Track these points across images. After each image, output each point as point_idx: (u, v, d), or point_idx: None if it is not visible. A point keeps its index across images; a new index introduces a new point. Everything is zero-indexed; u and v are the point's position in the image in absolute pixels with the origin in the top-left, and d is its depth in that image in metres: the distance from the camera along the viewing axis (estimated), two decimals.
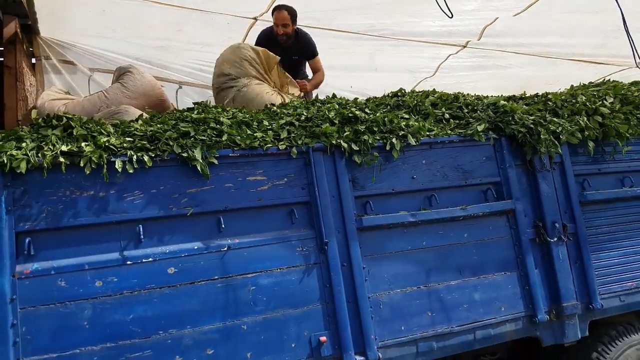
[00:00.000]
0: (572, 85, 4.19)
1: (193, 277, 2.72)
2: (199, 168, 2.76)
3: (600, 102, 3.90)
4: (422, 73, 7.07)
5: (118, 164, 2.67)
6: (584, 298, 3.52)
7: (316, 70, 5.05)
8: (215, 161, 2.82)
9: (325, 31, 5.47)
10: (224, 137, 2.89)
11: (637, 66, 3.90)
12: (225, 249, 2.80)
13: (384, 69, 6.61)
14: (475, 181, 3.44)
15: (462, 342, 3.20)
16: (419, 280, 3.18)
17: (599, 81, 4.48)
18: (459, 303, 3.22)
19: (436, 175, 3.37)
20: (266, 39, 4.82)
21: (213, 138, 2.87)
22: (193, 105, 3.46)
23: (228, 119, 3.10)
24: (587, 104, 3.85)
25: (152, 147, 2.75)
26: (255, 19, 5.54)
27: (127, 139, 2.76)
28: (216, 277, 2.76)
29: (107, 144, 2.68)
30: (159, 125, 2.90)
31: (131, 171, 2.69)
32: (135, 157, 2.69)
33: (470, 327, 3.21)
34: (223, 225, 2.80)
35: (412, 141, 3.31)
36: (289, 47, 4.85)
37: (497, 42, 6.21)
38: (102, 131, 2.77)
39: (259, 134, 2.99)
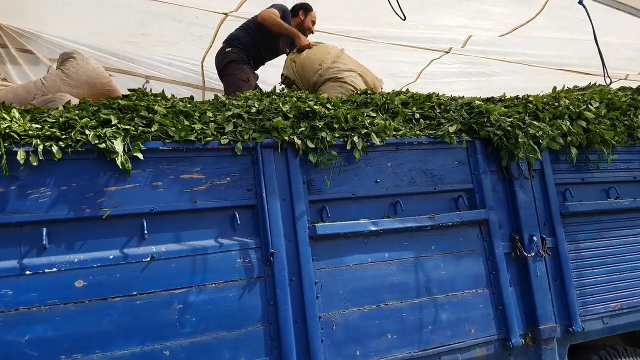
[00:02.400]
0: (554, 87, 3.70)
1: (106, 292, 2.17)
2: (118, 162, 2.21)
3: (585, 107, 3.41)
4: (405, 78, 6.57)
5: (20, 155, 2.12)
6: (564, 320, 3.01)
7: None
8: (141, 155, 2.28)
9: None
10: (154, 128, 2.34)
11: (610, 82, 3.43)
12: (148, 259, 2.24)
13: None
14: (445, 187, 2.92)
15: None
16: (379, 298, 2.65)
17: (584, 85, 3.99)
18: (423, 324, 2.69)
19: (402, 180, 2.85)
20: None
21: (140, 128, 2.32)
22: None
23: (165, 107, 2.55)
24: (571, 107, 3.35)
25: (64, 136, 2.19)
26: (226, 14, 5.01)
27: (35, 125, 2.20)
28: (135, 293, 2.21)
29: (7, 131, 2.12)
30: (77, 112, 2.34)
31: (35, 163, 2.13)
32: (41, 147, 2.14)
33: (435, 351, 2.69)
34: (146, 231, 2.25)
35: (377, 141, 2.79)
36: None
37: (482, 49, 5.74)
38: (5, 116, 2.21)
39: (197, 126, 2.44)
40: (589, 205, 3.22)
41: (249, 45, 4.22)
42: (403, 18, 2.86)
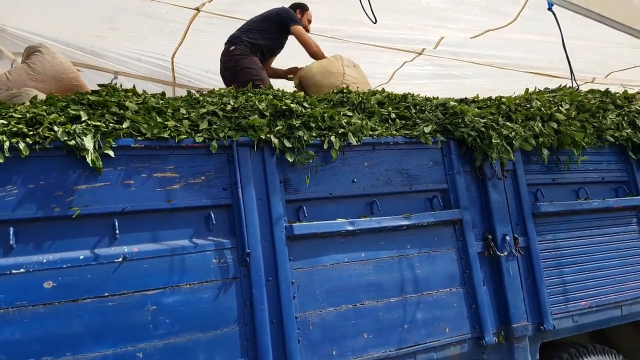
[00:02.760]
0: (527, 89, 3.80)
1: (76, 293, 2.13)
2: (88, 160, 2.17)
3: (556, 108, 3.52)
4: (378, 79, 6.62)
5: None
6: (535, 318, 3.10)
7: None
8: (112, 153, 2.24)
9: None
10: (126, 124, 2.31)
11: (577, 86, 3.55)
12: (120, 259, 2.22)
13: None
14: (420, 187, 2.97)
15: None
16: (356, 297, 2.69)
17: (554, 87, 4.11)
18: (399, 323, 2.74)
19: (379, 180, 2.89)
20: None
21: (111, 125, 2.28)
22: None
23: (137, 103, 2.52)
24: (542, 109, 3.45)
25: (31, 133, 2.14)
26: (198, 9, 4.96)
27: (0, 121, 2.15)
28: (107, 294, 2.18)
29: None
30: (44, 107, 2.29)
31: (1, 160, 2.08)
32: (8, 143, 2.09)
33: (410, 350, 2.73)
34: (118, 231, 2.22)
35: (353, 140, 2.82)
36: None
37: (453, 51, 5.84)
38: None
39: (170, 123, 2.42)
40: (559, 206, 3.32)
41: (252, 44, 4.22)
42: (374, 21, 2.88)
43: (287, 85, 4.02)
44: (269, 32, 4.23)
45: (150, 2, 4.84)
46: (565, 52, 3.40)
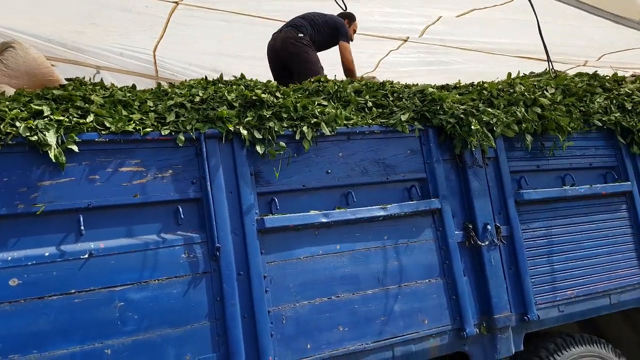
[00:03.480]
0: (509, 74, 3.82)
1: (42, 290, 2.19)
2: (51, 155, 2.22)
3: (540, 93, 3.54)
4: (363, 68, 6.63)
5: None
6: (519, 308, 3.14)
7: None
8: (76, 147, 2.29)
9: (253, 18, 4.96)
10: (90, 119, 2.36)
11: (555, 73, 3.55)
12: (86, 256, 2.27)
13: (323, 63, 6.14)
14: (398, 177, 3.01)
15: None
16: (331, 290, 2.73)
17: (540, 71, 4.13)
18: (376, 315, 2.78)
19: (354, 170, 2.93)
20: None
21: (74, 119, 2.33)
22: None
23: (103, 97, 2.57)
24: (526, 94, 3.47)
25: None
26: (177, 2, 4.99)
27: None
28: (73, 291, 2.23)
29: None
30: (7, 103, 2.34)
31: None
32: None
33: (387, 342, 2.78)
34: (84, 227, 2.28)
35: (326, 131, 2.86)
36: None
37: (440, 38, 5.84)
38: None
39: (135, 116, 2.47)
40: (544, 193, 3.34)
41: (312, 39, 4.62)
42: (344, 9, 2.91)
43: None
44: (327, 35, 4.68)
45: None
46: (541, 37, 3.42)
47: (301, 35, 4.49)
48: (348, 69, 4.56)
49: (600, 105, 3.70)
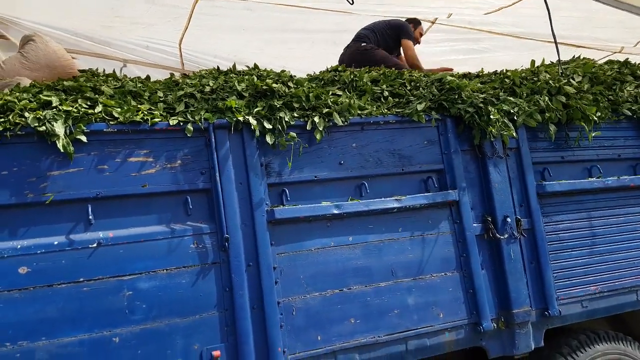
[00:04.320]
0: (532, 61, 3.64)
1: (51, 278, 2.18)
2: (59, 145, 2.21)
3: (566, 81, 3.35)
4: None
5: None
6: (540, 303, 3.00)
7: None
8: (84, 138, 2.27)
9: (275, 5, 4.87)
10: (98, 109, 2.34)
11: (568, 75, 3.36)
12: (95, 245, 2.26)
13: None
14: (414, 168, 2.90)
15: (390, 353, 2.67)
16: (342, 282, 2.66)
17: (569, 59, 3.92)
18: (389, 308, 2.70)
19: (368, 161, 2.83)
20: None
21: (83, 109, 2.31)
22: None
23: (114, 88, 2.54)
24: (551, 82, 3.30)
25: (2, 119, 2.19)
26: None
27: None
28: (82, 280, 2.22)
29: None
30: (17, 94, 2.34)
31: None
32: None
33: (401, 336, 2.69)
34: (92, 216, 2.26)
35: (339, 120, 2.77)
36: None
37: (469, 20, 5.62)
38: None
39: (144, 106, 2.43)
40: (567, 185, 3.18)
41: (379, 43, 4.78)
42: (351, 2, 2.82)
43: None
44: (390, 37, 4.82)
45: None
46: (552, 30, 3.24)
47: (364, 44, 4.68)
48: (412, 65, 4.63)
49: (630, 93, 3.49)
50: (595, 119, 3.27)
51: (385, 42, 4.80)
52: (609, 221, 3.25)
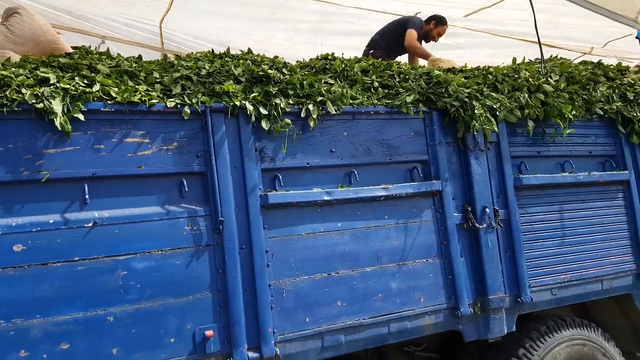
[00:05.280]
0: (514, 59, 3.76)
1: (46, 257, 2.16)
2: (57, 123, 2.17)
3: (545, 79, 3.48)
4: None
5: None
6: (513, 290, 3.14)
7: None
8: (81, 116, 2.24)
9: None
10: (96, 88, 2.31)
11: (547, 73, 3.50)
12: (91, 224, 2.24)
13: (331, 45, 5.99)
14: (401, 158, 2.98)
15: (374, 335, 2.76)
16: (330, 266, 2.72)
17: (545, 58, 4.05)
18: (373, 292, 2.78)
19: (358, 150, 2.89)
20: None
21: (80, 88, 2.28)
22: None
23: (109, 67, 2.51)
24: (530, 80, 3.42)
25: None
26: None
27: None
28: (77, 259, 2.21)
29: None
30: (13, 70, 2.28)
31: None
32: None
33: (384, 319, 2.78)
34: (88, 196, 2.24)
35: (332, 109, 2.81)
36: None
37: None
38: None
39: (142, 87, 2.41)
40: (543, 179, 3.32)
41: (386, 45, 5.06)
42: None
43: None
44: (400, 35, 4.97)
45: None
46: (537, 34, 3.36)
47: (372, 51, 4.84)
48: (409, 46, 4.84)
49: (602, 94, 3.65)
50: (571, 116, 3.42)
51: (395, 40, 4.94)
52: (579, 214, 3.42)
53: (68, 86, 2.24)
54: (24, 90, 2.17)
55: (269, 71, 2.75)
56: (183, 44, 5.65)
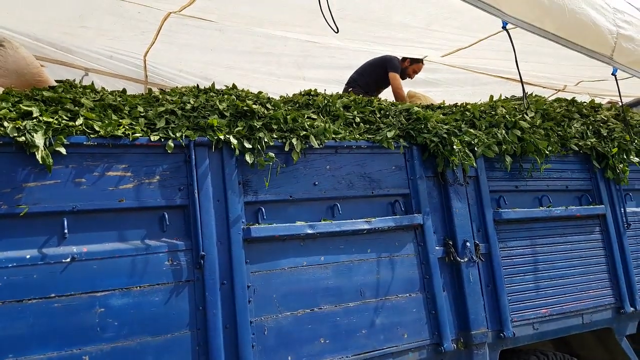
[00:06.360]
0: (491, 96, 3.84)
1: (22, 293, 2.08)
2: (38, 157, 2.13)
3: (521, 116, 3.56)
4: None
5: None
6: (495, 325, 3.13)
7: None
8: (64, 150, 2.21)
9: (247, 29, 4.89)
10: (79, 121, 2.28)
11: (527, 108, 3.59)
12: (69, 259, 2.18)
13: (313, 78, 6.06)
14: (382, 192, 2.98)
15: None
16: (313, 302, 2.68)
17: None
18: (357, 328, 2.74)
19: (341, 183, 2.89)
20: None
21: (63, 121, 2.25)
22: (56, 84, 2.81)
23: (93, 100, 2.49)
24: (507, 116, 3.50)
25: None
26: (170, 12, 4.88)
27: None
28: (53, 295, 2.13)
29: None
30: None
31: None
32: None
33: (368, 356, 2.73)
34: (67, 230, 2.19)
35: (315, 143, 2.82)
36: None
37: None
38: None
39: (125, 121, 2.39)
40: (522, 213, 3.36)
41: (365, 83, 5.17)
42: (336, 31, 2.89)
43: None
44: (377, 74, 5.14)
45: (122, 2, 4.78)
46: (519, 71, 3.46)
47: (351, 89, 4.86)
48: (396, 95, 4.94)
49: (577, 130, 3.74)
50: (547, 152, 3.48)
51: (375, 81, 5.09)
52: (557, 248, 3.45)
53: (51, 120, 2.21)
54: (5, 124, 2.13)
55: (254, 106, 2.76)
56: (167, 77, 5.66)
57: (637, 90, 4.99)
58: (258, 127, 2.70)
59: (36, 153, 2.13)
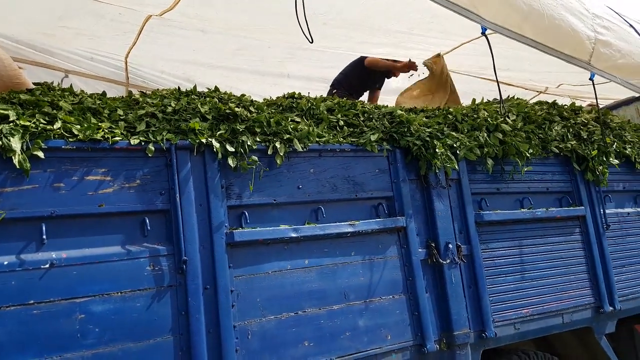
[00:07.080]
0: (473, 99, 3.87)
1: None
2: (15, 161, 2.09)
3: (502, 119, 3.59)
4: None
5: None
6: (477, 326, 3.14)
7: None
8: (41, 154, 2.16)
9: (229, 29, 4.86)
10: (57, 125, 2.24)
11: (505, 113, 3.64)
12: (47, 265, 2.13)
13: (297, 75, 6.04)
14: (366, 195, 2.98)
15: None
16: (297, 305, 2.66)
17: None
18: (341, 331, 2.73)
19: (325, 186, 2.89)
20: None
21: (41, 125, 2.20)
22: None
23: (72, 104, 2.45)
24: (489, 119, 3.53)
25: None
26: (150, 15, 4.82)
27: None
28: (32, 302, 2.09)
29: None
30: None
31: None
32: None
33: (352, 358, 2.72)
34: (46, 236, 2.14)
35: (299, 147, 2.81)
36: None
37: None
38: None
39: (105, 124, 2.35)
40: (503, 215, 3.38)
41: (349, 85, 5.26)
42: (311, 41, 2.88)
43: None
44: (358, 72, 5.24)
45: (103, 4, 4.71)
46: (497, 79, 3.50)
47: (335, 91, 4.98)
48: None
49: (557, 133, 3.79)
50: (528, 155, 3.52)
51: (355, 77, 5.13)
52: (538, 249, 3.49)
53: (28, 123, 2.16)
54: None
55: (236, 109, 2.74)
56: (149, 78, 5.60)
57: (617, 93, 5.07)
58: (241, 130, 2.68)
59: (13, 157, 2.09)
